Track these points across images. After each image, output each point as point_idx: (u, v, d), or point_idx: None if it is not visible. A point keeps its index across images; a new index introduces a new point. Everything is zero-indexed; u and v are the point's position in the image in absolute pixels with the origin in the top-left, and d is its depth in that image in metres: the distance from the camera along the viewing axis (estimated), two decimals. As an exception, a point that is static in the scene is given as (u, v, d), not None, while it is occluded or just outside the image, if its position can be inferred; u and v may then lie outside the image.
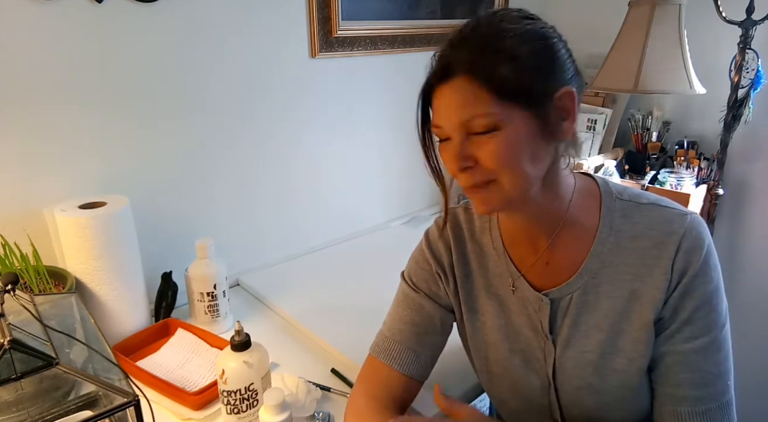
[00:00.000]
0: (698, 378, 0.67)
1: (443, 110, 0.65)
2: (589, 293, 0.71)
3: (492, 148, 0.62)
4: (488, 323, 0.79)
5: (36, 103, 0.97)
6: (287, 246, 1.44)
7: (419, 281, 0.82)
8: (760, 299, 1.62)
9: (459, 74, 0.62)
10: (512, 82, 0.61)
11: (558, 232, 0.72)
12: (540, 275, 0.74)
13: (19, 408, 0.65)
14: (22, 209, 1.00)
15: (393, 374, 0.78)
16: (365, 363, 0.82)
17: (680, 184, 1.46)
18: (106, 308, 1.00)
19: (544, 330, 0.73)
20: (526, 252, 0.76)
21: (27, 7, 0.92)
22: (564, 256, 0.72)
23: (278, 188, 1.38)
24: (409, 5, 1.49)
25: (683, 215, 0.68)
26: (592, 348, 0.70)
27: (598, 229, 0.71)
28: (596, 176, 0.77)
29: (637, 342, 0.69)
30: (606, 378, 0.70)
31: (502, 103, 0.61)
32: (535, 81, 0.62)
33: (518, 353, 0.76)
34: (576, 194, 0.72)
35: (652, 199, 0.71)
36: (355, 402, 0.77)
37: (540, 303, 0.73)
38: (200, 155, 1.21)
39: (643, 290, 0.68)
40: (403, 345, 0.79)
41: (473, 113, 0.62)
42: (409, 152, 1.64)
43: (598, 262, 0.70)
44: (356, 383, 0.81)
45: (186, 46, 1.12)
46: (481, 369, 0.82)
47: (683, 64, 1.35)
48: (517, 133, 0.62)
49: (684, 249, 0.66)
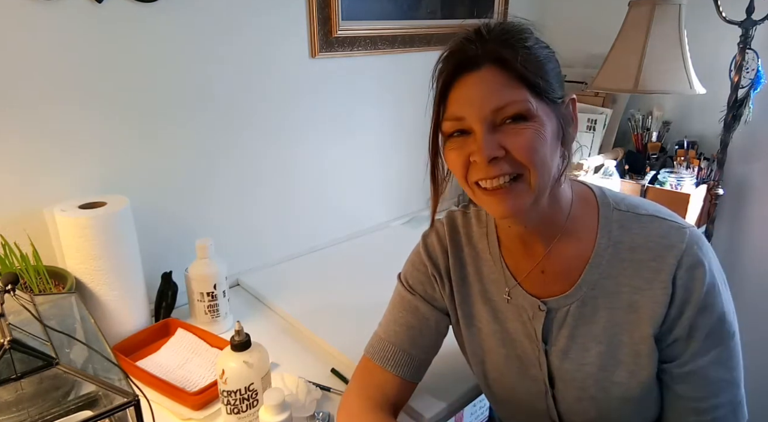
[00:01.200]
0: (716, 389, 0.67)
1: (469, 99, 0.63)
2: (587, 304, 0.70)
3: (526, 137, 0.61)
4: (484, 329, 0.78)
5: (36, 103, 0.97)
6: (287, 246, 1.44)
7: (415, 283, 0.82)
8: (760, 299, 1.62)
9: (486, 64, 0.62)
10: (541, 77, 0.62)
11: (556, 241, 0.72)
12: (535, 283, 0.74)
13: (19, 408, 0.65)
14: (22, 209, 1.00)
15: (387, 375, 0.78)
16: (359, 364, 0.82)
17: (680, 184, 1.46)
18: (106, 308, 1.00)
19: (537, 338, 0.73)
20: (522, 260, 0.75)
21: (27, 7, 0.92)
22: (560, 265, 0.72)
23: (278, 187, 1.38)
24: (409, 5, 1.49)
25: (682, 228, 0.67)
26: (592, 360, 0.70)
27: (596, 239, 0.70)
28: (591, 184, 0.76)
29: (637, 355, 0.68)
30: (607, 391, 0.70)
31: (533, 95, 0.62)
32: (555, 82, 0.64)
33: (515, 359, 0.76)
34: (574, 203, 0.72)
35: (650, 210, 0.70)
36: (348, 403, 0.78)
37: (536, 311, 0.73)
38: (200, 155, 1.21)
39: (641, 302, 0.67)
40: (397, 346, 0.79)
41: (509, 98, 0.61)
42: (409, 151, 1.64)
43: (597, 273, 0.69)
44: (350, 383, 0.81)
45: (186, 46, 1.12)
46: (479, 373, 0.82)
47: (683, 64, 1.35)
48: (544, 127, 0.63)
49: (686, 266, 0.65)
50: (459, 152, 0.65)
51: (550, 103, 0.64)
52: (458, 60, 0.63)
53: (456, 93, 0.64)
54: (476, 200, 0.68)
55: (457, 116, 0.64)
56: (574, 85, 1.77)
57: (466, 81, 0.63)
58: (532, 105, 0.62)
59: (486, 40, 0.63)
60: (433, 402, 0.88)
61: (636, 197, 0.75)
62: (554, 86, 0.64)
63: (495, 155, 0.62)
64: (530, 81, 0.61)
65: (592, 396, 0.71)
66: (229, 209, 1.30)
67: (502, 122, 0.62)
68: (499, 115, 0.62)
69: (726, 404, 0.67)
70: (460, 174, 0.66)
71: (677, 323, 0.66)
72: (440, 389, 0.90)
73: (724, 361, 0.67)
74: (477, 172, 0.64)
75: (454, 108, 0.64)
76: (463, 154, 0.65)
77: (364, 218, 1.61)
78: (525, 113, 0.61)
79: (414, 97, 1.56)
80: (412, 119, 1.60)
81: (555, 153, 0.65)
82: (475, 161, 0.63)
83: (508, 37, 0.63)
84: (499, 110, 0.61)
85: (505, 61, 0.61)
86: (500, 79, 0.61)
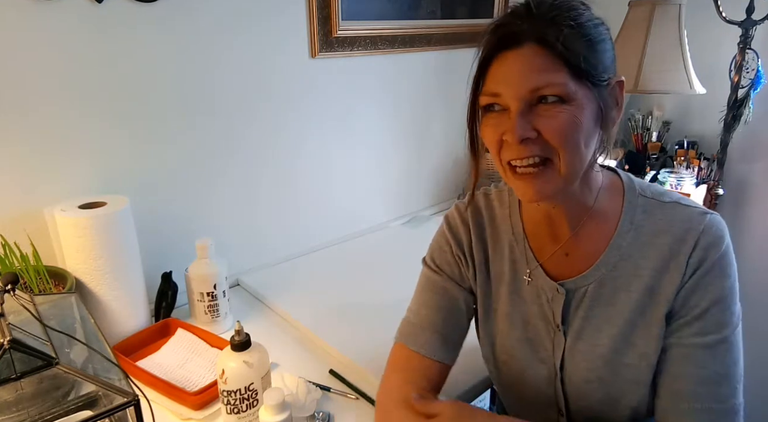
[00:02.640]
0: (704, 375, 0.65)
1: (507, 76, 0.62)
2: (605, 285, 0.70)
3: (560, 121, 0.61)
4: (500, 310, 0.79)
5: (36, 103, 0.97)
6: (287, 246, 1.44)
7: (442, 263, 0.81)
8: (760, 298, 1.62)
9: (528, 42, 0.60)
10: (584, 58, 0.60)
11: (582, 224, 0.72)
12: (558, 265, 0.74)
13: (19, 408, 0.65)
14: (22, 209, 1.00)
15: (424, 360, 0.76)
16: (393, 352, 0.80)
17: (680, 184, 1.46)
18: (106, 308, 1.00)
19: (556, 321, 0.73)
20: (546, 242, 0.75)
21: (27, 7, 0.92)
22: (584, 248, 0.72)
23: (278, 187, 1.38)
24: (409, 5, 1.49)
25: (704, 213, 0.68)
26: (604, 341, 0.70)
27: (618, 222, 0.71)
28: (620, 171, 0.76)
29: (650, 338, 0.68)
30: (616, 372, 0.70)
31: (573, 77, 0.61)
32: (601, 63, 0.63)
33: (526, 342, 0.76)
34: (603, 189, 0.73)
35: (674, 198, 0.71)
36: (394, 392, 0.74)
37: (554, 293, 0.73)
38: (200, 155, 1.21)
39: (660, 285, 0.67)
40: (430, 330, 0.78)
41: (547, 80, 0.60)
42: (408, 151, 1.63)
43: (617, 255, 0.70)
44: (387, 373, 0.78)
45: (186, 46, 1.12)
46: (488, 356, 0.82)
47: (683, 64, 1.35)
48: (582, 111, 0.62)
49: (701, 246, 0.65)
50: (494, 129, 0.65)
51: (592, 85, 0.62)
52: (502, 34, 0.62)
53: (495, 69, 0.63)
54: (506, 179, 0.68)
55: (494, 92, 0.63)
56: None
57: (506, 57, 0.62)
58: (571, 88, 0.61)
59: (533, 17, 0.61)
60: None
61: (662, 188, 0.75)
62: (600, 68, 0.62)
63: (527, 137, 0.61)
64: (571, 63, 0.60)
65: (600, 378, 0.71)
66: (229, 208, 1.30)
67: (537, 102, 0.62)
68: (536, 95, 0.61)
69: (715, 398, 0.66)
70: (494, 151, 0.66)
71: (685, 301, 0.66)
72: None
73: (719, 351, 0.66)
74: (509, 151, 0.64)
75: (492, 84, 0.63)
76: (498, 132, 0.64)
77: (364, 218, 1.61)
78: (562, 96, 0.61)
79: (414, 97, 1.56)
80: (412, 118, 1.60)
81: (591, 138, 0.64)
82: (507, 141, 0.63)
83: (556, 13, 0.61)
84: (535, 91, 0.61)
85: (547, 40, 0.60)
86: (540, 59, 0.60)
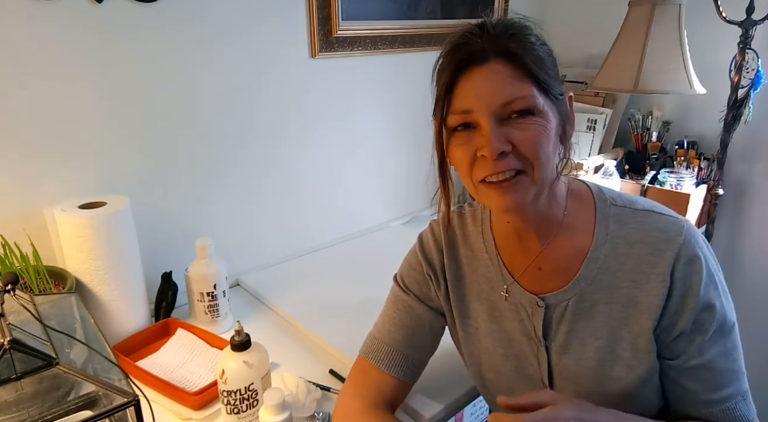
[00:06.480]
0: (725, 380, 0.67)
1: (477, 92, 0.62)
2: (585, 300, 0.70)
3: (533, 132, 0.62)
4: (481, 328, 0.78)
5: (36, 102, 0.97)
6: (287, 246, 1.44)
7: (411, 282, 0.82)
8: (760, 298, 1.62)
9: (493, 58, 0.61)
10: (546, 73, 0.62)
11: (552, 237, 0.72)
12: (533, 280, 0.74)
13: (19, 408, 0.65)
14: (22, 209, 1.00)
15: (382, 375, 0.78)
16: (355, 364, 0.82)
17: (680, 184, 1.46)
18: (106, 308, 1.00)
19: (537, 335, 0.73)
20: (518, 257, 0.75)
21: (26, 6, 0.92)
22: (557, 261, 0.72)
23: (278, 187, 1.38)
24: (409, 5, 1.49)
25: (678, 222, 0.68)
26: (591, 354, 0.70)
27: (593, 235, 0.70)
28: (588, 181, 0.76)
29: (636, 350, 0.68)
30: (604, 386, 0.70)
31: (539, 90, 0.62)
32: (556, 79, 0.65)
33: (512, 358, 0.76)
34: (570, 200, 0.73)
35: (646, 205, 0.71)
36: (343, 403, 0.78)
37: (534, 307, 0.73)
38: (200, 155, 1.21)
39: (640, 296, 0.67)
40: (391, 346, 0.79)
41: (517, 93, 0.61)
42: (408, 151, 1.64)
43: (595, 268, 0.69)
44: (345, 383, 0.81)
45: (186, 46, 1.12)
46: (476, 374, 0.82)
47: (683, 64, 1.35)
48: (549, 123, 0.63)
49: (684, 259, 0.65)
50: (465, 147, 0.64)
51: (553, 99, 0.64)
52: (464, 54, 0.62)
53: (462, 87, 0.63)
54: (477, 195, 0.67)
55: (464, 109, 0.63)
56: (574, 85, 1.77)
57: (472, 75, 0.62)
58: (539, 101, 0.62)
59: (491, 35, 0.62)
60: (432, 402, 0.88)
61: (632, 195, 0.75)
62: (557, 82, 0.65)
63: (503, 150, 0.61)
64: (537, 76, 0.62)
65: (589, 391, 0.71)
66: (229, 209, 1.30)
67: (508, 116, 0.62)
68: (507, 109, 0.62)
69: (735, 394, 0.68)
70: (466, 171, 0.66)
71: (680, 317, 0.66)
72: (440, 389, 0.90)
73: (728, 352, 0.67)
74: (483, 168, 0.63)
75: (461, 102, 0.63)
76: (470, 149, 0.64)
77: (364, 218, 1.61)
78: (532, 108, 0.62)
79: (414, 97, 1.56)
80: (412, 118, 1.60)
81: (556, 150, 0.66)
82: (483, 156, 0.63)
83: (513, 31, 0.63)
84: (507, 105, 0.61)
85: (513, 55, 0.61)
86: (508, 73, 0.61)
